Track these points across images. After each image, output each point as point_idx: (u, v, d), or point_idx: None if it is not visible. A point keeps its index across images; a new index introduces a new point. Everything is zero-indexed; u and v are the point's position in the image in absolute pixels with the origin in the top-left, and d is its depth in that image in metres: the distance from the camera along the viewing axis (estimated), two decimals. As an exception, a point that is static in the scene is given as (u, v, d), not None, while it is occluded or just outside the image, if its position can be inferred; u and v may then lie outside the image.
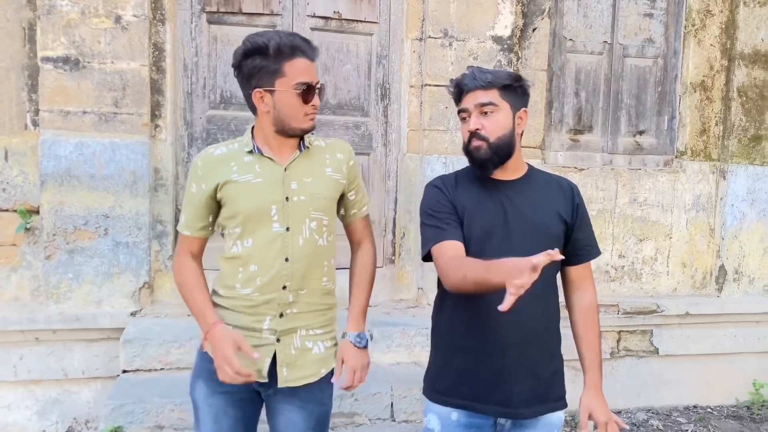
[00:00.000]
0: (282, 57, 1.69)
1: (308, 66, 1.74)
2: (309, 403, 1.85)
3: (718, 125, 4.17)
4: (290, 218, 1.76)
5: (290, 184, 1.77)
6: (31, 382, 3.28)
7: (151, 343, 3.06)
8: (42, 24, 3.14)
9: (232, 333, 1.70)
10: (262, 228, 1.75)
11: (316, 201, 1.79)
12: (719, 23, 4.10)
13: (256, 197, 1.75)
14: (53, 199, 3.18)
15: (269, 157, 1.78)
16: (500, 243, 1.74)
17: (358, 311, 1.92)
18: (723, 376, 4.16)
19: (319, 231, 1.80)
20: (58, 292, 3.22)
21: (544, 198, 1.80)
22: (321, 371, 1.86)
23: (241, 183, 1.75)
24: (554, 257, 1.34)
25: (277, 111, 1.73)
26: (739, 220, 4.14)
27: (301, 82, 1.71)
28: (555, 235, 1.77)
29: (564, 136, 4.09)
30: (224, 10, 3.50)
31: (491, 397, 1.75)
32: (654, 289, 4.15)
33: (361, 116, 3.75)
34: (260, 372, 1.78)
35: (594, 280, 1.89)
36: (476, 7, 3.60)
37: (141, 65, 3.25)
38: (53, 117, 3.17)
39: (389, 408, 3.00)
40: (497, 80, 1.73)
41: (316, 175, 1.81)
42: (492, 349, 1.75)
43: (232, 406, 1.83)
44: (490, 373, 1.75)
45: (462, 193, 1.82)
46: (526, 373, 1.75)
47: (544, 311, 1.78)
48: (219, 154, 1.80)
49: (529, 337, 1.75)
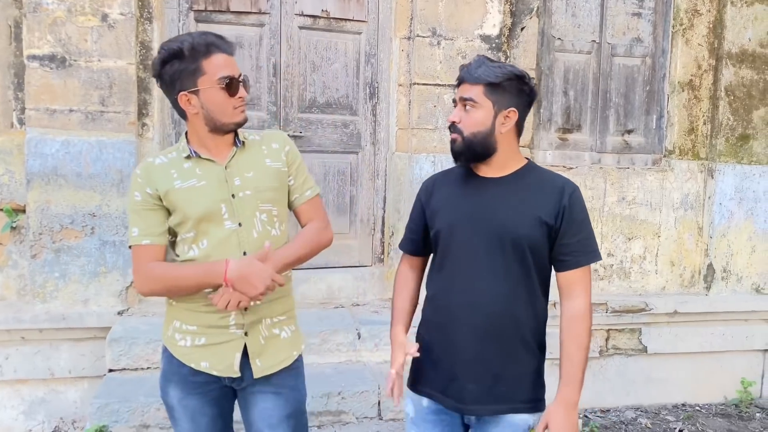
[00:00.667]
0: (198, 56, 1.70)
1: (227, 60, 1.74)
2: (283, 389, 1.85)
3: (706, 124, 4.18)
4: (240, 214, 1.77)
5: (233, 181, 1.78)
6: (17, 382, 3.27)
7: (137, 342, 3.04)
8: (28, 22, 3.13)
9: (245, 259, 1.71)
10: (215, 228, 1.75)
11: (262, 193, 1.79)
12: (707, 23, 4.12)
13: (203, 200, 1.74)
14: (39, 197, 3.17)
15: (207, 158, 1.78)
16: (463, 241, 1.77)
17: (273, 257, 1.76)
18: (711, 375, 4.18)
19: (270, 222, 1.81)
20: (44, 291, 3.21)
21: (524, 199, 1.76)
22: (293, 354, 1.88)
23: (185, 189, 1.75)
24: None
25: (205, 110, 1.73)
26: (727, 218, 4.15)
27: (223, 77, 1.72)
28: (525, 236, 1.72)
29: (553, 134, 4.09)
30: (212, 8, 3.49)
31: (448, 391, 1.78)
32: (643, 288, 4.16)
33: (350, 115, 3.75)
34: (231, 367, 1.78)
35: (588, 287, 1.76)
36: (464, 6, 3.60)
37: (128, 64, 3.24)
38: (39, 115, 3.16)
39: (376, 406, 3.00)
40: (483, 77, 1.72)
41: (257, 168, 1.81)
42: (449, 344, 1.78)
43: (208, 405, 1.84)
44: (448, 367, 1.78)
45: (440, 191, 1.87)
46: (481, 371, 1.74)
47: (507, 311, 1.73)
48: (159, 164, 1.79)
49: (486, 336, 1.73)
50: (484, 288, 1.73)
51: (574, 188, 1.78)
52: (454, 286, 1.78)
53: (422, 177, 3.56)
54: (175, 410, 1.86)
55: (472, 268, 1.75)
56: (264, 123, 3.59)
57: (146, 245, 1.75)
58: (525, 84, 1.76)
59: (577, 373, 1.71)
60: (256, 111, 3.57)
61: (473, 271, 1.75)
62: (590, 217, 1.84)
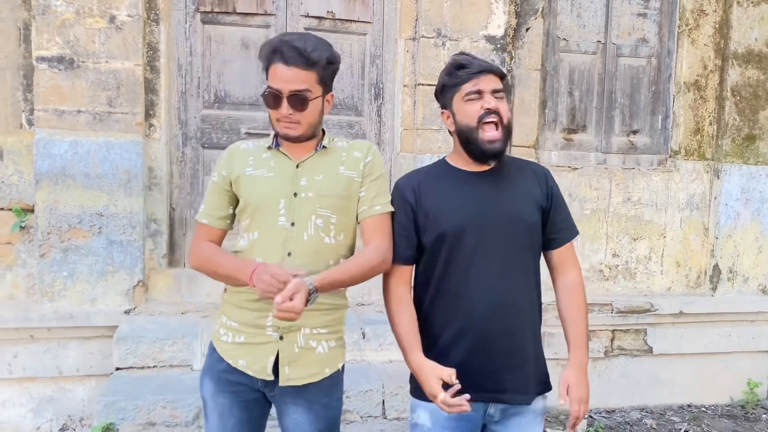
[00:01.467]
0: (265, 61, 1.75)
1: (282, 72, 1.70)
2: (315, 405, 1.82)
3: (712, 124, 4.17)
4: (296, 214, 1.76)
5: (300, 180, 1.78)
6: (25, 380, 3.30)
7: (144, 340, 3.07)
8: (37, 24, 3.17)
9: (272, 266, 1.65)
10: (268, 221, 1.77)
11: (324, 198, 1.78)
12: (713, 23, 4.11)
13: (266, 190, 1.78)
14: (48, 197, 3.21)
15: (284, 153, 1.81)
16: (476, 239, 1.75)
17: (322, 274, 1.71)
18: (717, 376, 4.17)
19: (326, 229, 1.78)
20: (52, 290, 3.24)
21: (520, 186, 1.82)
22: (325, 371, 1.83)
23: (254, 176, 1.80)
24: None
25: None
26: (733, 219, 4.14)
27: (268, 87, 1.73)
28: (533, 222, 1.79)
29: (558, 135, 4.10)
30: (218, 10, 3.52)
31: (482, 387, 1.75)
32: (648, 288, 4.16)
33: (355, 116, 3.77)
34: (264, 369, 1.78)
35: (577, 259, 1.89)
36: (469, 6, 3.61)
37: (135, 65, 3.27)
38: (48, 116, 3.20)
39: (380, 405, 3.02)
40: (499, 70, 1.79)
41: (327, 173, 1.80)
42: (476, 344, 1.76)
43: (237, 407, 1.83)
44: (477, 367, 1.75)
45: (429, 194, 1.81)
46: (514, 362, 1.78)
47: (525, 300, 1.80)
48: (244, 148, 1.87)
49: (513, 327, 1.77)
50: (505, 282, 1.76)
51: (548, 170, 1.90)
52: (472, 288, 1.75)
53: (427, 177, 3.58)
54: (207, 404, 1.87)
55: (489, 265, 1.75)
56: (269, 124, 3.61)
57: (204, 224, 1.85)
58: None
59: (584, 338, 1.82)
60: (262, 112, 3.59)
61: (490, 269, 1.75)
62: (595, 217, 1.92)
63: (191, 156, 3.58)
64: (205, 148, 3.58)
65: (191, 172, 3.57)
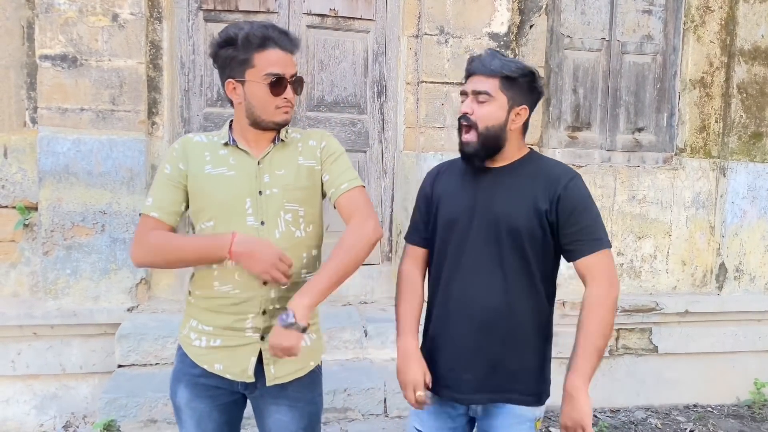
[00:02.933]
0: (251, 47, 1.66)
1: (281, 57, 1.68)
2: (299, 402, 1.80)
3: (718, 122, 4.14)
4: (264, 212, 1.72)
5: (263, 177, 1.73)
6: (29, 377, 3.31)
7: (146, 338, 3.08)
8: (40, 22, 3.18)
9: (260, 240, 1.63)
10: (236, 222, 1.70)
11: (289, 192, 1.74)
12: (719, 19, 4.08)
13: (230, 190, 1.71)
14: (51, 195, 3.22)
15: (243, 149, 1.75)
16: (461, 233, 1.77)
17: (305, 288, 1.64)
18: (724, 375, 4.13)
19: (295, 223, 1.75)
20: (56, 288, 3.25)
21: (521, 188, 1.74)
22: (310, 363, 1.81)
23: (214, 176, 1.72)
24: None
25: (248, 102, 1.70)
26: (739, 217, 4.10)
27: (271, 73, 1.67)
28: (523, 227, 1.70)
29: (562, 133, 4.07)
30: (221, 7, 3.52)
31: (445, 381, 1.78)
32: (653, 287, 4.13)
33: (358, 113, 3.76)
34: (244, 372, 1.73)
35: (603, 272, 1.70)
36: (472, 3, 3.60)
37: (138, 63, 3.28)
38: (51, 114, 3.21)
39: (382, 403, 3.01)
40: (499, 70, 1.69)
41: (288, 166, 1.76)
42: (447, 336, 1.78)
43: (216, 410, 1.79)
44: (446, 358, 1.79)
45: (444, 181, 1.87)
46: (477, 362, 1.74)
47: (503, 304, 1.72)
48: (198, 141, 1.78)
49: (482, 327, 1.73)
50: (481, 281, 1.74)
51: (572, 177, 1.74)
52: (452, 279, 1.78)
53: (430, 175, 3.57)
54: (183, 412, 1.81)
55: (470, 260, 1.75)
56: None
57: (154, 218, 1.72)
58: (537, 81, 1.75)
59: (591, 346, 1.66)
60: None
61: (470, 263, 1.75)
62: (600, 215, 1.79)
63: (194, 154, 3.58)
64: (207, 146, 3.58)
65: (194, 170, 3.57)
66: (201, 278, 1.77)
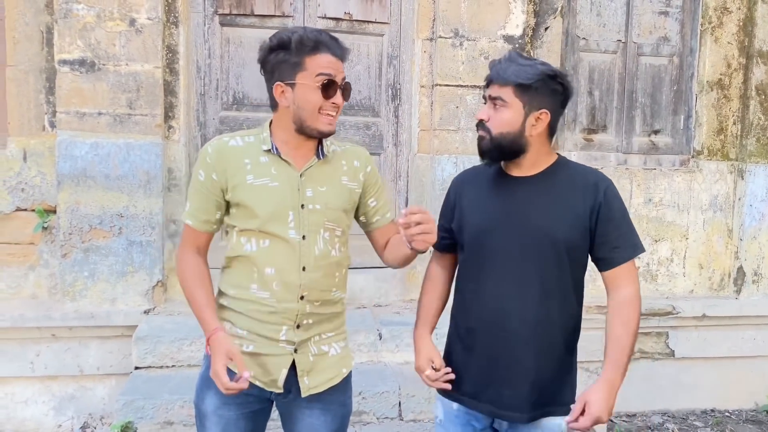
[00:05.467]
0: (303, 50, 1.65)
1: (332, 62, 1.67)
2: (332, 405, 1.81)
3: (735, 124, 4.09)
4: (306, 226, 1.71)
5: (305, 191, 1.71)
6: (47, 378, 3.35)
7: (162, 340, 3.10)
8: (59, 27, 3.22)
9: (226, 344, 1.63)
10: (279, 232, 1.69)
11: (331, 211, 1.73)
12: (737, 20, 4.03)
13: (274, 202, 1.69)
14: (69, 198, 3.25)
15: (286, 160, 1.72)
16: (493, 245, 1.73)
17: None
18: (742, 380, 4.08)
19: (332, 241, 1.75)
20: (74, 290, 3.29)
21: (558, 198, 1.70)
22: (342, 371, 1.82)
23: (258, 186, 1.68)
24: None
25: (296, 106, 1.67)
26: (758, 220, 4.05)
27: (323, 74, 1.65)
28: (563, 239, 1.68)
29: (578, 135, 4.05)
30: (236, 12, 3.54)
31: (482, 396, 1.75)
32: (670, 291, 4.09)
33: (372, 116, 3.77)
34: (275, 382, 1.73)
35: (634, 277, 1.71)
36: (487, 6, 3.59)
37: (155, 67, 3.31)
38: (70, 118, 3.24)
39: (397, 407, 3.00)
40: (513, 79, 1.67)
41: (331, 184, 1.75)
42: (481, 350, 1.75)
43: (244, 418, 1.77)
44: (481, 373, 1.75)
45: (469, 189, 1.85)
46: (516, 378, 1.71)
47: (541, 317, 1.70)
48: (234, 145, 1.72)
49: (519, 342, 1.70)
50: (517, 294, 1.70)
51: (608, 183, 1.72)
52: (485, 292, 1.74)
53: (444, 178, 3.56)
54: (208, 419, 1.77)
55: (504, 272, 1.71)
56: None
57: (190, 227, 1.75)
58: (558, 83, 1.70)
59: (620, 354, 1.66)
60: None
61: (505, 275, 1.71)
62: None
63: (210, 157, 3.60)
64: (223, 150, 3.61)
65: (210, 174, 3.59)
66: (238, 276, 1.74)
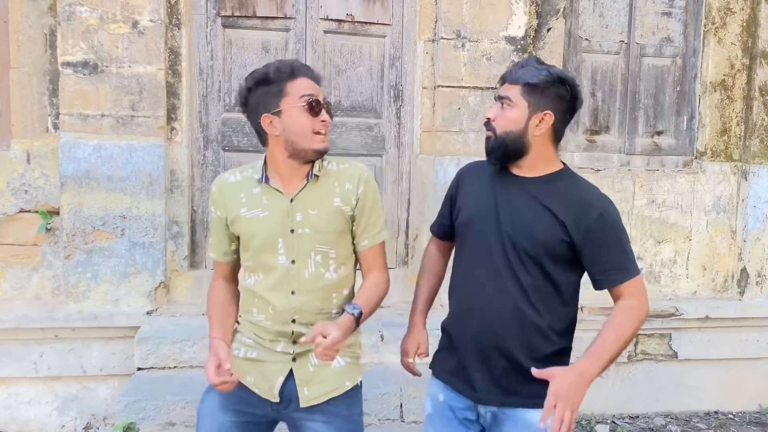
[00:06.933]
0: (282, 78, 1.70)
1: (311, 84, 1.74)
2: (335, 418, 1.80)
3: (739, 125, 4.08)
4: (295, 251, 1.75)
5: (295, 216, 1.76)
6: (51, 379, 3.37)
7: (165, 341, 3.11)
8: (62, 30, 3.23)
9: (219, 351, 1.72)
10: (269, 261, 1.77)
11: (321, 234, 1.76)
12: (740, 21, 4.02)
13: (263, 231, 1.76)
14: (72, 200, 3.27)
15: (276, 188, 1.77)
16: (479, 236, 1.80)
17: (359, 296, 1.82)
18: (745, 382, 4.07)
19: (325, 264, 1.78)
20: (77, 291, 3.30)
21: (547, 205, 1.73)
22: (345, 384, 1.83)
23: (250, 218, 1.77)
24: None
25: (287, 132, 1.70)
26: (761, 222, 4.04)
27: (305, 95, 1.70)
28: (542, 242, 1.71)
29: (580, 136, 4.04)
30: (239, 14, 3.55)
31: (460, 376, 1.83)
32: (673, 292, 4.08)
33: (374, 118, 3.77)
34: (271, 390, 1.76)
35: (639, 292, 1.71)
36: (489, 7, 3.59)
37: (157, 69, 3.32)
38: (73, 120, 3.26)
39: (398, 408, 3.01)
40: (522, 78, 1.73)
41: (322, 207, 1.77)
42: (461, 333, 1.84)
43: (236, 427, 1.81)
44: (459, 354, 1.84)
45: (471, 180, 1.92)
46: (487, 364, 1.77)
47: (517, 312, 1.73)
48: (232, 182, 1.83)
49: (494, 331, 1.75)
50: (495, 285, 1.75)
51: (605, 206, 1.73)
52: (468, 279, 1.82)
53: (446, 180, 3.54)
54: (204, 420, 1.83)
55: (486, 263, 1.77)
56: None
57: (213, 257, 1.93)
58: (565, 89, 1.73)
59: (603, 355, 1.64)
60: (282, 114, 3.61)
61: (487, 266, 1.77)
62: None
63: (212, 159, 3.62)
64: (225, 151, 3.62)
65: (212, 175, 3.60)
66: (245, 303, 1.88)
